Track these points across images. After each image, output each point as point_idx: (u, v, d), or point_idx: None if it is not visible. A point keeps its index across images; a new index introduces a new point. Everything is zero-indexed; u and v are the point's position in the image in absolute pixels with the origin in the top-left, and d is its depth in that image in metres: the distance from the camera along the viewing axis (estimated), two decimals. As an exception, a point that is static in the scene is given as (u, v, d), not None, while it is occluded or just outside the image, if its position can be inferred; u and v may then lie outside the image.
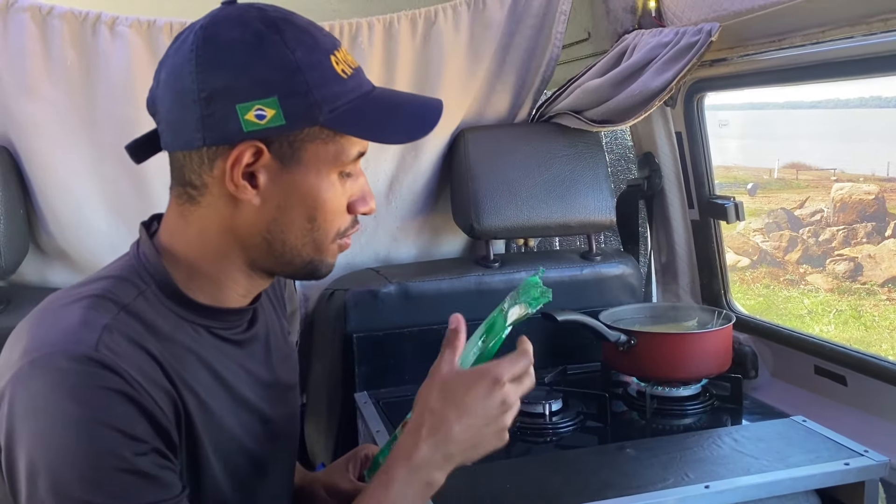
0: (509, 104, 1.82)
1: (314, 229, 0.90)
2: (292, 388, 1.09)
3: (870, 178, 10.72)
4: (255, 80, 0.82)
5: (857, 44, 1.21)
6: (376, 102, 0.89)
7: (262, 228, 0.89)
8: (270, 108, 0.82)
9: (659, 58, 1.51)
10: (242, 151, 0.84)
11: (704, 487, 1.15)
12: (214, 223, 0.89)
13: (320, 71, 0.84)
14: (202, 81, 0.83)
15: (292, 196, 0.87)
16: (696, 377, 1.54)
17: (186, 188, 0.89)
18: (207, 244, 0.90)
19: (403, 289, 1.67)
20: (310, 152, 0.86)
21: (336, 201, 0.90)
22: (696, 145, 1.77)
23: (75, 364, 0.78)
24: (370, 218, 1.82)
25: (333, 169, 0.88)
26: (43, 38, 1.51)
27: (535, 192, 1.73)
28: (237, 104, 0.82)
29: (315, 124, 0.85)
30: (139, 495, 0.79)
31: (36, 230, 1.65)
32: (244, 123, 0.83)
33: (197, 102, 0.83)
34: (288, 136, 0.85)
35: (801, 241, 9.40)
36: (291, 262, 0.92)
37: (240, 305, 0.96)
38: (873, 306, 7.87)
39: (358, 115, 0.87)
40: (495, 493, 1.17)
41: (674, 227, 1.86)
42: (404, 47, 1.69)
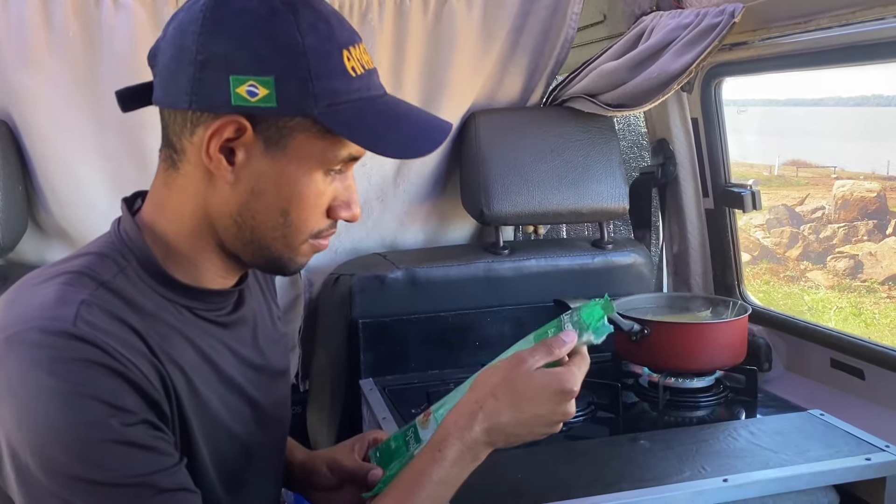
0: (522, 87, 1.78)
1: (286, 224, 0.86)
2: (282, 373, 1.05)
3: (871, 175, 10.70)
4: (255, 54, 0.78)
5: (890, 25, 1.17)
6: (380, 109, 0.85)
7: (233, 210, 0.85)
8: (264, 88, 0.78)
9: (678, 40, 1.48)
10: (224, 124, 0.80)
11: (723, 481, 1.12)
12: (190, 194, 0.86)
13: (327, 62, 0.80)
14: (202, 44, 0.79)
15: (268, 182, 0.83)
16: (710, 368, 1.51)
17: (170, 150, 0.86)
18: (184, 217, 0.87)
19: (411, 274, 1.63)
20: (297, 142, 0.82)
21: (315, 200, 0.85)
22: (712, 132, 1.73)
23: (52, 338, 0.75)
24: (377, 201, 1.78)
25: (319, 166, 0.84)
26: (44, 9, 1.47)
27: (546, 177, 1.69)
28: (231, 75, 0.78)
29: (308, 115, 0.80)
30: (133, 466, 0.76)
31: (35, 207, 1.62)
32: (234, 96, 0.79)
33: (192, 63, 0.79)
34: (277, 121, 0.81)
35: (801, 237, 9.39)
36: (259, 253, 0.88)
37: (221, 287, 0.92)
38: (874, 304, 7.87)
39: (355, 117, 0.82)
40: (507, 483, 1.14)
41: (687, 216, 1.83)
42: (415, 25, 1.65)
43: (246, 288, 0.98)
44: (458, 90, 1.72)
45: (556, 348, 0.93)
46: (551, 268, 1.71)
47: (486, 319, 1.67)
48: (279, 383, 1.04)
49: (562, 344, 0.93)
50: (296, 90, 0.79)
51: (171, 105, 0.83)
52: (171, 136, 0.84)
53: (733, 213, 1.78)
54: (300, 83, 0.79)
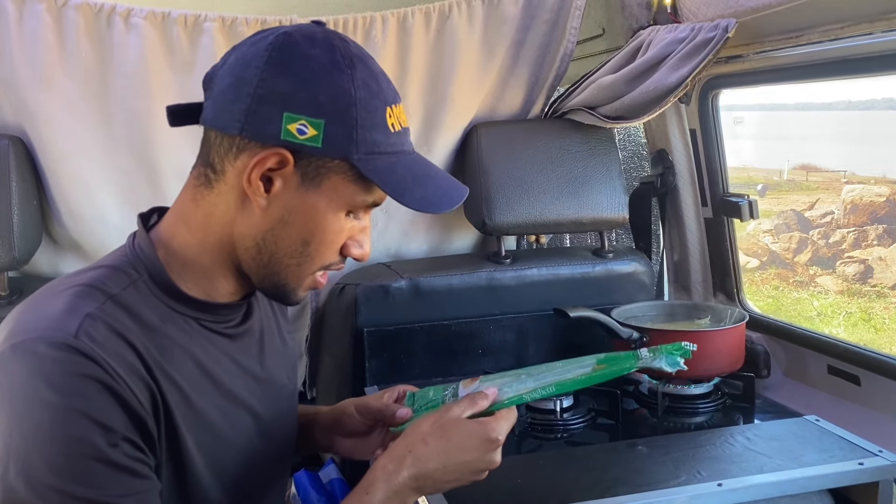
0: (522, 100, 1.81)
1: (304, 254, 0.91)
2: (286, 387, 1.09)
3: (881, 180, 10.64)
4: (312, 98, 0.85)
5: (877, 40, 1.20)
6: (410, 165, 0.92)
7: (257, 234, 0.90)
8: (314, 128, 0.85)
9: (674, 54, 1.51)
10: (270, 155, 0.86)
11: (717, 485, 1.14)
12: (220, 213, 0.91)
13: (373, 116, 0.87)
14: (263, 79, 0.85)
15: (297, 214, 0.89)
16: (709, 375, 1.53)
17: (207, 169, 0.91)
18: (209, 233, 0.92)
19: (414, 284, 1.67)
20: (331, 182, 0.88)
21: (334, 235, 0.92)
22: (710, 143, 1.76)
23: (53, 351, 0.79)
24: (381, 213, 1.81)
25: (345, 207, 0.90)
26: (58, 29, 1.51)
27: (547, 188, 1.72)
28: (286, 112, 0.85)
29: (347, 159, 0.87)
30: (108, 485, 0.80)
31: (49, 221, 1.66)
32: (284, 131, 0.85)
33: (251, 95, 0.85)
34: (318, 160, 0.87)
35: (810, 242, 9.35)
36: (269, 278, 0.93)
37: (230, 301, 0.97)
38: (883, 309, 7.82)
39: (389, 168, 0.89)
40: (507, 489, 1.17)
41: (687, 225, 1.85)
42: (418, 41, 1.68)
43: (255, 301, 1.03)
44: (460, 103, 1.75)
45: (480, 400, 0.97)
46: (552, 276, 1.74)
47: (488, 327, 1.70)
48: (283, 395, 1.07)
49: (484, 397, 0.98)
50: (341, 135, 0.86)
51: (221, 128, 0.88)
52: (213, 157, 0.90)
53: (732, 221, 1.80)
54: (346, 130, 0.86)
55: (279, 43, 0.87)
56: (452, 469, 0.93)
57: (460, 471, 0.94)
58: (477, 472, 0.95)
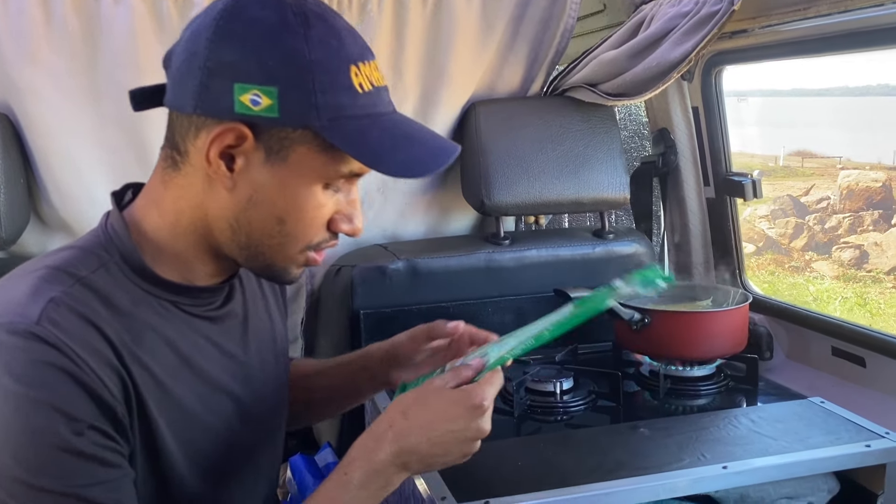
0: (522, 77, 1.78)
1: (282, 233, 0.86)
2: (273, 369, 1.04)
3: (876, 166, 10.64)
4: (262, 65, 0.79)
5: (889, 11, 1.17)
6: (386, 126, 0.84)
7: (229, 215, 0.85)
8: (267, 98, 0.79)
9: (677, 28, 1.47)
10: (225, 131, 0.80)
11: (722, 468, 1.12)
12: (189, 195, 0.86)
13: (334, 77, 0.80)
14: (212, 50, 0.80)
15: (266, 192, 0.83)
16: (711, 357, 1.51)
17: (173, 151, 0.86)
18: (180, 216, 0.87)
19: (412, 265, 1.63)
20: (298, 154, 0.82)
21: (313, 212, 0.85)
22: (713, 120, 1.73)
23: (14, 338, 0.76)
24: (378, 193, 1.78)
25: (319, 180, 0.84)
26: (44, 3, 1.47)
27: (547, 167, 1.69)
28: (235, 83, 0.79)
29: (308, 127, 0.80)
30: (74, 476, 0.76)
31: (37, 200, 1.62)
32: (237, 104, 0.79)
33: (201, 69, 0.80)
34: (279, 131, 0.81)
35: (806, 228, 9.35)
36: (254, 259, 0.88)
37: (211, 283, 0.92)
38: (879, 294, 7.84)
39: (359, 133, 0.81)
40: (508, 471, 1.14)
41: (688, 205, 1.83)
42: (414, 16, 1.64)
43: (238, 282, 0.98)
44: (458, 80, 1.71)
45: (464, 371, 0.93)
46: (552, 258, 1.71)
47: (487, 310, 1.67)
48: (269, 377, 1.03)
49: (468, 368, 0.93)
50: (298, 102, 0.79)
51: (177, 107, 0.84)
52: (176, 138, 0.85)
53: (734, 201, 1.77)
54: (303, 95, 0.79)
55: (227, 9, 0.81)
56: (438, 441, 0.88)
57: (447, 442, 0.88)
58: (465, 441, 0.89)
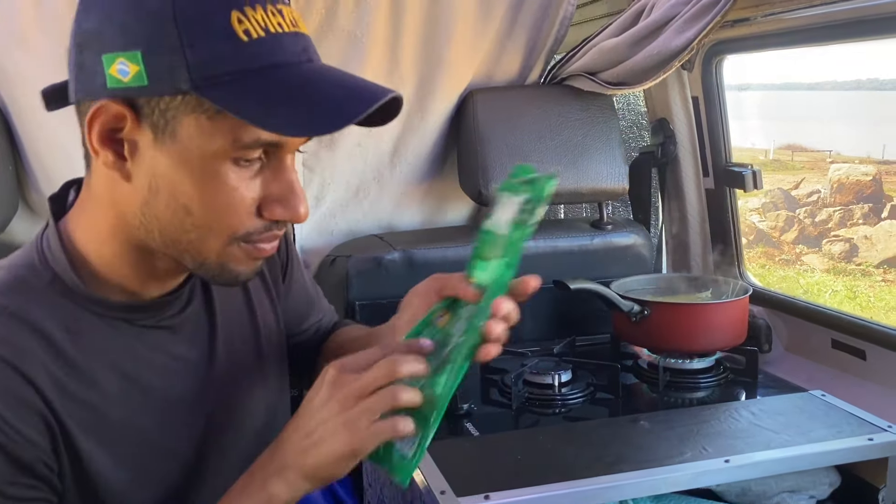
0: (520, 65, 1.75)
1: (195, 225, 0.73)
2: (252, 369, 0.96)
3: (865, 160, 10.69)
4: (121, 26, 0.67)
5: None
6: (280, 77, 0.68)
7: (136, 209, 0.74)
8: (133, 64, 0.67)
9: (679, 16, 1.45)
10: (99, 110, 0.69)
11: (724, 462, 1.11)
12: (101, 196, 0.76)
13: (206, 26, 0.66)
14: (78, 23, 0.70)
15: (163, 177, 0.71)
16: (711, 349, 1.49)
17: (84, 150, 0.76)
18: (99, 222, 0.77)
19: (408, 256, 1.61)
20: (187, 126, 0.69)
21: (225, 197, 0.72)
22: (713, 110, 1.71)
23: None
24: (374, 182, 1.75)
25: (220, 155, 0.70)
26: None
27: (545, 157, 1.67)
28: (103, 54, 0.68)
29: (182, 91, 0.67)
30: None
31: (26, 188, 1.59)
32: (108, 78, 0.68)
33: (73, 48, 0.71)
34: (158, 102, 0.68)
35: (797, 221, 9.39)
36: (183, 259, 0.77)
37: (161, 291, 0.83)
38: (869, 287, 7.88)
39: (245, 88, 0.67)
40: (507, 465, 1.12)
41: (687, 196, 1.81)
42: (412, 3, 1.61)
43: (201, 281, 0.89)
44: (455, 68, 1.69)
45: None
46: (550, 249, 1.70)
47: (484, 301, 1.65)
48: (246, 380, 0.95)
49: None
50: (166, 62, 0.66)
51: (69, 100, 0.74)
52: (82, 135, 0.74)
53: (734, 192, 1.76)
54: (170, 53, 0.66)
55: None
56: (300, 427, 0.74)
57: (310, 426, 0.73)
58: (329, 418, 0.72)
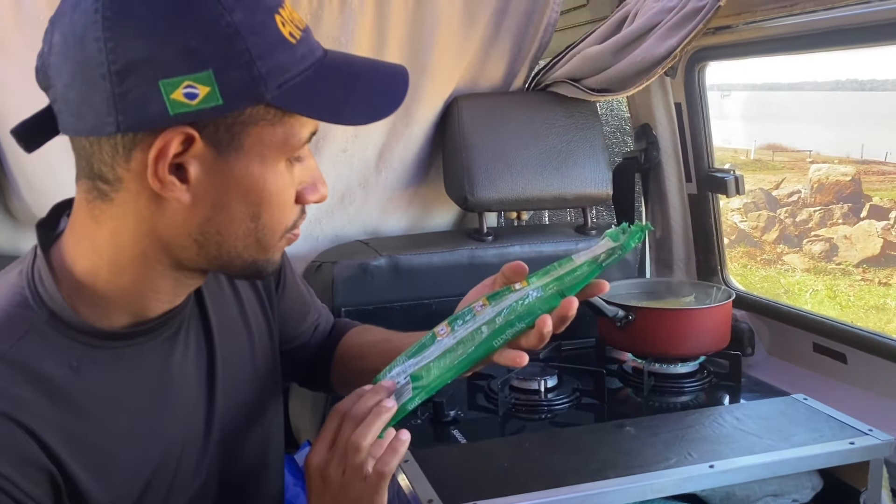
0: (505, 71, 1.76)
1: (258, 228, 0.75)
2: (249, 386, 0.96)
3: (844, 160, 10.81)
4: (183, 48, 0.66)
5: (876, 8, 1.17)
6: (331, 73, 0.74)
7: (192, 230, 0.74)
8: (204, 85, 0.66)
9: (662, 23, 1.46)
10: (169, 140, 0.68)
11: (709, 467, 1.12)
12: (131, 225, 0.74)
13: (264, 35, 0.68)
14: (112, 50, 0.65)
15: (231, 191, 0.72)
16: (695, 354, 1.51)
17: (96, 182, 0.73)
18: (121, 250, 0.75)
19: (394, 262, 1.61)
20: (253, 137, 0.71)
21: (285, 193, 0.75)
22: (696, 117, 1.72)
23: None
24: (359, 188, 1.75)
25: (281, 155, 0.73)
26: (13, -8, 1.42)
27: (530, 163, 1.68)
28: (160, 80, 0.66)
29: (261, 103, 0.69)
30: None
31: (7, 196, 1.57)
32: (170, 105, 0.66)
33: (107, 78, 0.66)
34: (226, 119, 0.69)
35: (778, 221, 9.47)
36: (230, 264, 0.78)
37: (170, 306, 0.82)
38: (848, 286, 7.97)
39: (311, 90, 0.71)
40: (494, 472, 1.13)
41: (670, 201, 1.82)
42: (396, 10, 1.62)
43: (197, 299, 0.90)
44: (440, 75, 1.69)
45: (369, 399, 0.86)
46: (535, 254, 1.70)
47: (469, 306, 1.66)
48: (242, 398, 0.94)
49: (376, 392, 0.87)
50: (240, 79, 0.67)
51: (90, 132, 0.69)
52: (97, 167, 0.71)
53: (716, 198, 1.77)
54: (243, 69, 0.67)
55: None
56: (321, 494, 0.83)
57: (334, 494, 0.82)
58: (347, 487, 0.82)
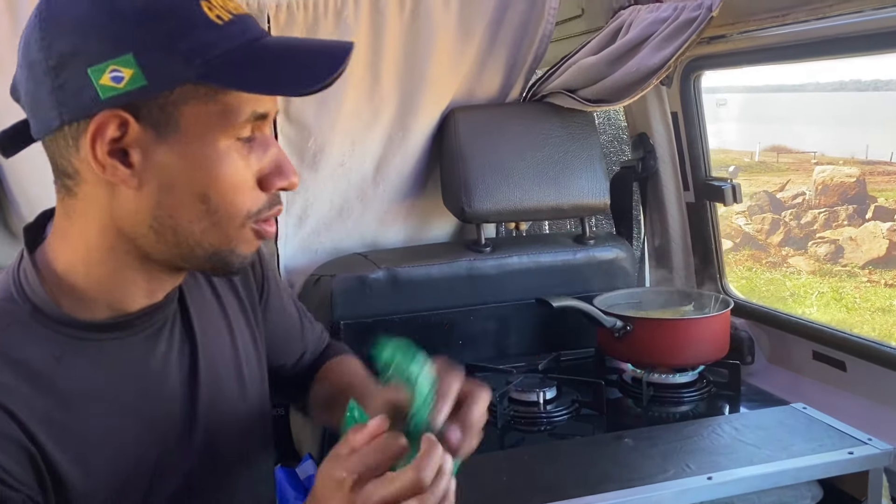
0: (501, 83, 1.76)
1: (211, 211, 0.75)
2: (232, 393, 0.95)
3: (849, 160, 10.78)
4: (103, 35, 0.69)
5: (867, 18, 1.17)
6: (265, 49, 0.75)
7: (146, 216, 0.75)
8: (127, 68, 0.69)
9: (657, 34, 1.46)
10: (102, 123, 0.71)
11: (707, 479, 1.12)
12: (95, 217, 0.76)
13: (185, 16, 0.71)
14: (47, 47, 0.70)
15: (175, 171, 0.73)
16: (694, 363, 1.51)
17: (63, 179, 0.76)
18: (90, 244, 0.77)
19: (392, 274, 1.62)
20: (188, 116, 0.72)
21: (236, 175, 0.75)
22: (692, 126, 1.73)
23: None
24: (357, 201, 1.76)
25: (224, 134, 0.74)
26: (11, 12, 1.43)
27: (527, 174, 1.68)
28: (88, 67, 0.69)
29: (185, 81, 0.71)
30: None
31: (7, 213, 1.59)
32: (100, 90, 0.69)
33: (48, 74, 0.70)
34: (157, 100, 0.71)
35: (783, 223, 9.45)
36: (192, 254, 0.78)
37: (149, 302, 0.83)
38: (854, 288, 7.94)
39: (239, 64, 0.72)
40: (492, 486, 1.13)
41: (668, 210, 1.82)
42: (392, 22, 1.62)
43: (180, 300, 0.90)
44: (436, 87, 1.70)
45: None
46: (534, 265, 1.70)
47: (469, 318, 1.66)
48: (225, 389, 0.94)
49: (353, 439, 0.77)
50: (162, 59, 0.70)
51: (45, 130, 0.73)
52: (61, 163, 0.75)
53: (714, 206, 1.77)
54: (163, 49, 0.70)
55: (42, 4, 0.72)
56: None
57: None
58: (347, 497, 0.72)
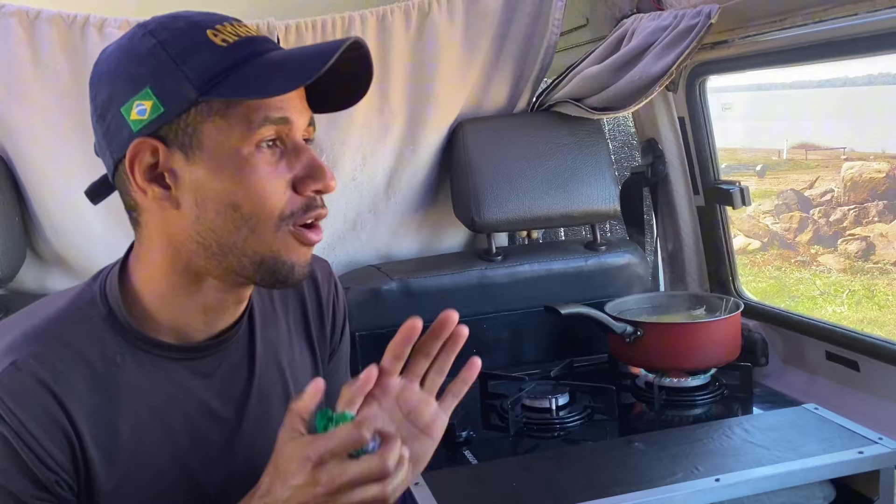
0: (508, 94, 1.79)
1: (245, 217, 0.81)
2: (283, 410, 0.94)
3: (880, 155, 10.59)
4: (127, 78, 0.80)
5: (862, 21, 1.18)
6: (266, 60, 0.81)
7: (191, 232, 0.82)
8: (147, 100, 0.79)
9: (658, 42, 1.48)
10: (137, 152, 0.80)
11: (715, 481, 1.13)
12: (156, 240, 0.85)
13: (190, 45, 0.79)
14: (94, 99, 0.83)
15: (205, 186, 0.80)
16: (705, 367, 1.51)
17: (130, 213, 0.87)
18: (156, 265, 0.86)
19: (405, 285, 1.65)
20: (208, 133, 0.79)
21: (263, 179, 0.80)
22: (699, 130, 1.74)
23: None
24: (370, 214, 1.79)
25: (243, 142, 0.80)
26: (31, 42, 1.49)
27: (536, 182, 1.70)
28: (121, 108, 0.80)
29: (194, 99, 0.78)
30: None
31: (33, 237, 1.64)
32: (132, 124, 0.80)
33: (98, 123, 0.83)
34: (178, 123, 0.79)
35: (811, 221, 9.32)
36: (240, 264, 0.83)
37: (208, 334, 0.90)
38: (886, 285, 7.80)
39: (237, 76, 0.78)
40: (502, 492, 1.15)
41: (679, 214, 1.83)
42: (398, 40, 1.66)
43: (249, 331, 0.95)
44: (444, 101, 1.73)
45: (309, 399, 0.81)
46: (545, 272, 1.72)
47: (482, 326, 1.68)
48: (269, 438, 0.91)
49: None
50: (172, 84, 0.78)
51: (110, 173, 0.85)
52: (125, 199, 0.86)
53: (724, 209, 1.78)
54: (171, 76, 0.78)
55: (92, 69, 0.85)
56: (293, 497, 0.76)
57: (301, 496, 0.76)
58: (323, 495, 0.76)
